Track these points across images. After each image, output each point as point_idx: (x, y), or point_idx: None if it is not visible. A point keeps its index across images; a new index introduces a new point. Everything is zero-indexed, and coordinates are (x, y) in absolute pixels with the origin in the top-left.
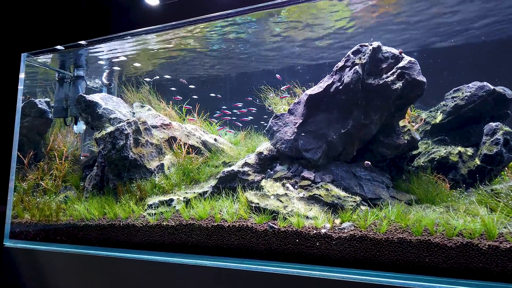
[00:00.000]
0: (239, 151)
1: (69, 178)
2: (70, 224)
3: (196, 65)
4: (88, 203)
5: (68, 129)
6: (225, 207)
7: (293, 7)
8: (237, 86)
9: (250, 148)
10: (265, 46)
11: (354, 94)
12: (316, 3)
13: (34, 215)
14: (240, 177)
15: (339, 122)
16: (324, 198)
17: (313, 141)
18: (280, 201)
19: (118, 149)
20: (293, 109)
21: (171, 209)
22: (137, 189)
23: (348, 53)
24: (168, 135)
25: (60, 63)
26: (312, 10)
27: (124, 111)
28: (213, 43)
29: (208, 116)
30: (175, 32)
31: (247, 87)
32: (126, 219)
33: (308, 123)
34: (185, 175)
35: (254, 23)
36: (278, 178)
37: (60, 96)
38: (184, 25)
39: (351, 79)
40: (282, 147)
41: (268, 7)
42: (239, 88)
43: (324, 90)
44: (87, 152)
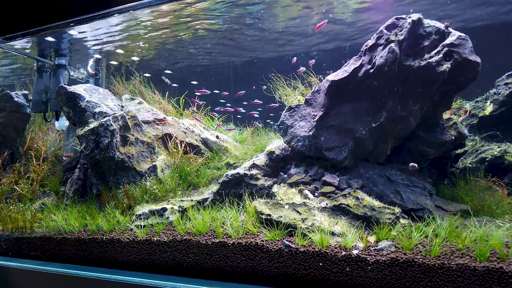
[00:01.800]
0: (245, 150)
1: (47, 182)
2: (46, 237)
3: (194, 52)
4: (67, 212)
5: (50, 126)
6: (229, 219)
7: None
8: (242, 75)
9: (258, 146)
10: (275, 28)
11: (388, 79)
12: None
13: (6, 225)
14: (247, 182)
15: (370, 114)
16: (353, 209)
17: (337, 137)
18: (298, 212)
19: (102, 148)
20: (311, 99)
21: (163, 220)
22: (124, 195)
23: (381, 28)
24: (162, 132)
25: (39, 51)
26: None
27: (112, 104)
28: (214, 22)
29: (208, 111)
30: (171, 9)
31: (254, 76)
32: (110, 232)
33: (331, 116)
34: (182, 179)
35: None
36: (294, 183)
37: (39, 88)
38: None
39: (385, 60)
40: (298, 145)
41: None
42: (244, 78)
43: (350, 75)
44: (70, 151)
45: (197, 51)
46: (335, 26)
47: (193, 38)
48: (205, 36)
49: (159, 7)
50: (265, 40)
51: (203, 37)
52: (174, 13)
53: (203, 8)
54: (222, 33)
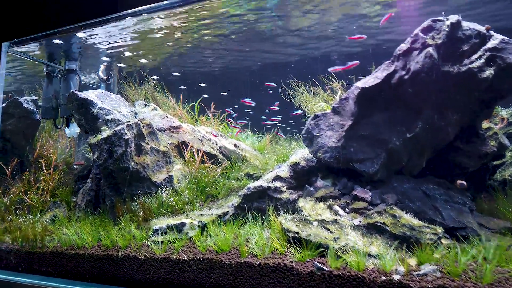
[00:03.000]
0: (266, 160)
1: (58, 192)
2: (58, 252)
3: (208, 56)
4: (80, 224)
5: (60, 132)
6: (254, 236)
7: None
8: (259, 80)
9: (280, 156)
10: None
11: (425, 86)
12: None
13: (16, 238)
14: (270, 195)
15: (404, 124)
16: (390, 228)
17: (368, 148)
18: (328, 231)
19: (116, 158)
20: (338, 107)
21: (182, 236)
22: (140, 208)
23: (416, 32)
24: (177, 140)
25: (48, 55)
26: None
27: (125, 111)
28: (229, 26)
29: (225, 117)
30: (182, 15)
31: (271, 81)
32: (125, 248)
33: (361, 125)
34: (200, 190)
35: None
36: (322, 197)
37: (49, 94)
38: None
39: (421, 65)
40: (325, 156)
41: None
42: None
43: (382, 82)
44: (81, 159)
45: (212, 56)
46: (358, 29)
47: (207, 42)
48: (219, 41)
49: (171, 11)
50: (283, 44)
51: (218, 42)
52: (187, 18)
53: (218, 14)
54: (237, 38)
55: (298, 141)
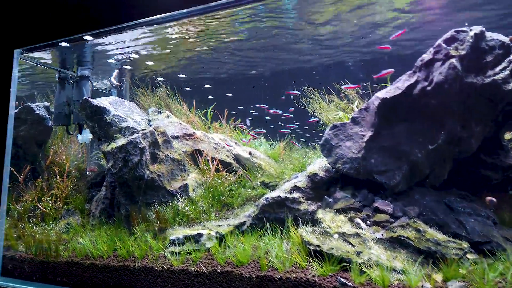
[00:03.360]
0: (281, 169)
1: (72, 200)
2: (73, 262)
3: (220, 62)
4: (95, 233)
5: (72, 138)
6: (273, 248)
7: None
8: (271, 87)
9: (296, 165)
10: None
11: (448, 98)
12: None
13: (30, 247)
14: (289, 206)
15: (426, 135)
16: (415, 242)
17: (389, 160)
18: (350, 244)
19: (132, 167)
20: (358, 118)
21: (200, 247)
22: (155, 217)
23: (439, 42)
24: (192, 148)
25: (61, 61)
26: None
27: (138, 118)
28: (241, 32)
29: (238, 124)
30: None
31: (284, 88)
32: (142, 258)
33: (382, 137)
34: (215, 199)
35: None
36: (342, 209)
37: (62, 100)
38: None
39: (445, 77)
40: (344, 167)
41: None
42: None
43: (403, 92)
44: (94, 166)
45: (225, 62)
46: (375, 38)
47: (220, 48)
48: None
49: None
50: (297, 51)
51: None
52: (202, 25)
53: (232, 20)
54: (251, 44)
55: (314, 150)
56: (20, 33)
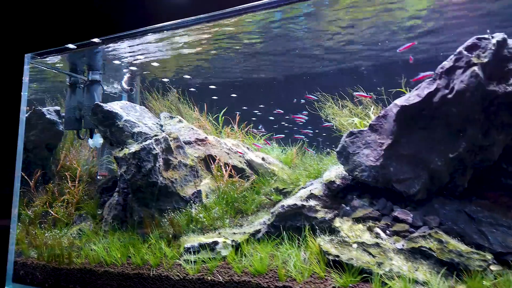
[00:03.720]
0: (296, 175)
1: (84, 205)
2: (86, 269)
3: (232, 67)
4: (107, 240)
5: (82, 142)
6: (291, 257)
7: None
8: (284, 91)
9: (311, 172)
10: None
11: (470, 106)
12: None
13: (42, 253)
14: (305, 214)
15: (446, 144)
16: (437, 253)
17: (408, 168)
18: (370, 254)
19: (145, 174)
20: (376, 125)
21: (216, 255)
22: (169, 224)
23: (460, 50)
24: (204, 153)
25: (71, 66)
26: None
27: (150, 123)
28: (253, 38)
29: (250, 128)
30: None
31: (296, 93)
32: (157, 266)
33: (401, 145)
34: (229, 206)
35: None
36: (360, 218)
37: (72, 104)
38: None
39: (466, 85)
40: (362, 175)
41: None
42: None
43: (423, 100)
44: (104, 170)
45: (236, 67)
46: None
47: (232, 53)
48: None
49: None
50: (308, 55)
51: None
52: (213, 30)
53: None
54: (263, 48)
55: (328, 156)
56: (31, 38)
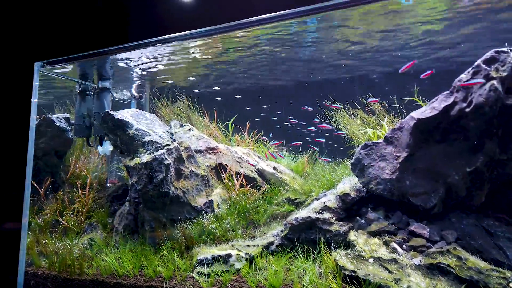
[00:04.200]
0: (308, 186)
1: (94, 214)
2: (98, 281)
3: (241, 74)
4: (119, 250)
5: (91, 149)
6: (307, 272)
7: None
8: (296, 98)
9: (324, 183)
10: (332, 49)
11: (488, 120)
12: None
13: (53, 263)
14: (319, 227)
15: (463, 157)
16: (456, 270)
17: (425, 182)
18: (387, 270)
19: (157, 184)
20: (391, 137)
21: (229, 268)
22: (181, 235)
23: (478, 63)
24: (215, 162)
25: (81, 73)
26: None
27: (160, 131)
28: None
29: (261, 136)
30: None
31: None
32: (169, 279)
33: (417, 158)
34: (241, 216)
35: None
36: (376, 232)
37: (82, 112)
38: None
39: (485, 99)
40: (378, 188)
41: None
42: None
43: (440, 113)
44: (114, 177)
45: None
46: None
47: (242, 60)
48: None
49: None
50: (318, 62)
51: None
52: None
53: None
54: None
55: (339, 165)
56: (41, 46)
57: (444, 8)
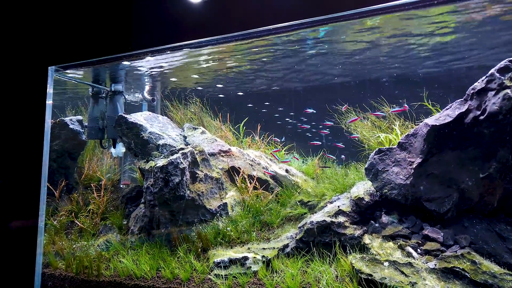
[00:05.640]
0: (321, 189)
1: (109, 216)
2: (116, 282)
3: (253, 78)
4: (136, 252)
5: (104, 151)
6: (323, 275)
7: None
8: (305, 102)
9: (337, 187)
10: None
11: (501, 127)
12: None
13: (70, 265)
14: (334, 230)
15: (477, 164)
16: (470, 274)
17: (438, 187)
18: (403, 274)
19: (172, 187)
20: (405, 143)
21: (247, 271)
22: (197, 238)
23: (492, 72)
24: (228, 165)
25: (94, 77)
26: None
27: (173, 134)
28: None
29: (272, 138)
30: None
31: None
32: (187, 281)
33: (431, 164)
34: (255, 219)
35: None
36: (390, 236)
37: (95, 115)
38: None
39: (499, 107)
40: (392, 193)
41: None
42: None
43: (454, 120)
44: (128, 179)
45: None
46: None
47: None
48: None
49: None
50: (329, 65)
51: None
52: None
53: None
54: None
55: (350, 168)
56: (55, 51)
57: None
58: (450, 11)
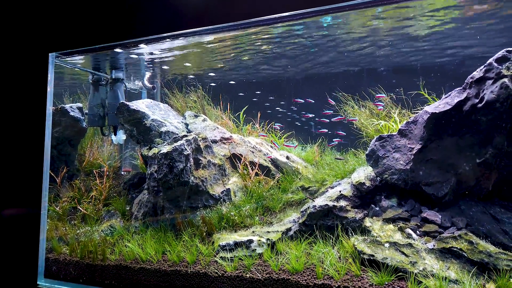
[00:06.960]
0: (322, 175)
1: (112, 202)
2: (122, 266)
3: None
4: (140, 237)
5: (104, 138)
6: (327, 256)
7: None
8: (303, 90)
9: (338, 172)
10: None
11: (498, 115)
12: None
13: (74, 250)
14: (336, 214)
15: (474, 150)
16: (468, 254)
17: (437, 172)
18: (403, 254)
19: (177, 174)
20: (406, 130)
21: (252, 253)
22: (202, 222)
23: (490, 61)
24: (229, 152)
25: (94, 64)
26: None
27: (175, 121)
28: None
29: (272, 125)
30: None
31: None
32: (193, 263)
33: (430, 150)
34: (257, 203)
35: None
36: (390, 218)
37: (96, 102)
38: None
39: (496, 95)
40: (392, 178)
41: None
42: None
43: (453, 108)
44: (128, 166)
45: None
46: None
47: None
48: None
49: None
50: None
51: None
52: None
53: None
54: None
55: (347, 154)
56: (55, 37)
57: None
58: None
